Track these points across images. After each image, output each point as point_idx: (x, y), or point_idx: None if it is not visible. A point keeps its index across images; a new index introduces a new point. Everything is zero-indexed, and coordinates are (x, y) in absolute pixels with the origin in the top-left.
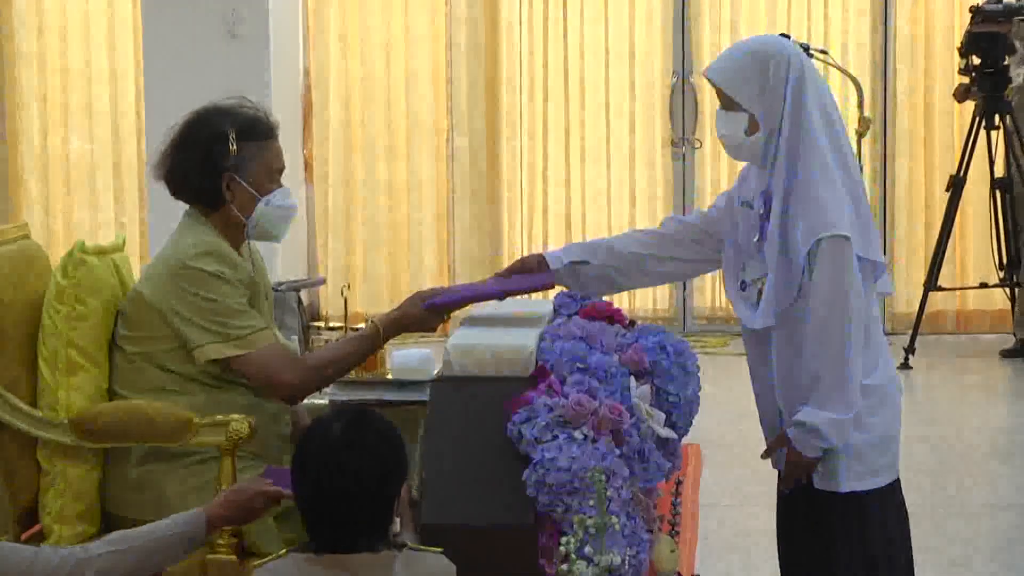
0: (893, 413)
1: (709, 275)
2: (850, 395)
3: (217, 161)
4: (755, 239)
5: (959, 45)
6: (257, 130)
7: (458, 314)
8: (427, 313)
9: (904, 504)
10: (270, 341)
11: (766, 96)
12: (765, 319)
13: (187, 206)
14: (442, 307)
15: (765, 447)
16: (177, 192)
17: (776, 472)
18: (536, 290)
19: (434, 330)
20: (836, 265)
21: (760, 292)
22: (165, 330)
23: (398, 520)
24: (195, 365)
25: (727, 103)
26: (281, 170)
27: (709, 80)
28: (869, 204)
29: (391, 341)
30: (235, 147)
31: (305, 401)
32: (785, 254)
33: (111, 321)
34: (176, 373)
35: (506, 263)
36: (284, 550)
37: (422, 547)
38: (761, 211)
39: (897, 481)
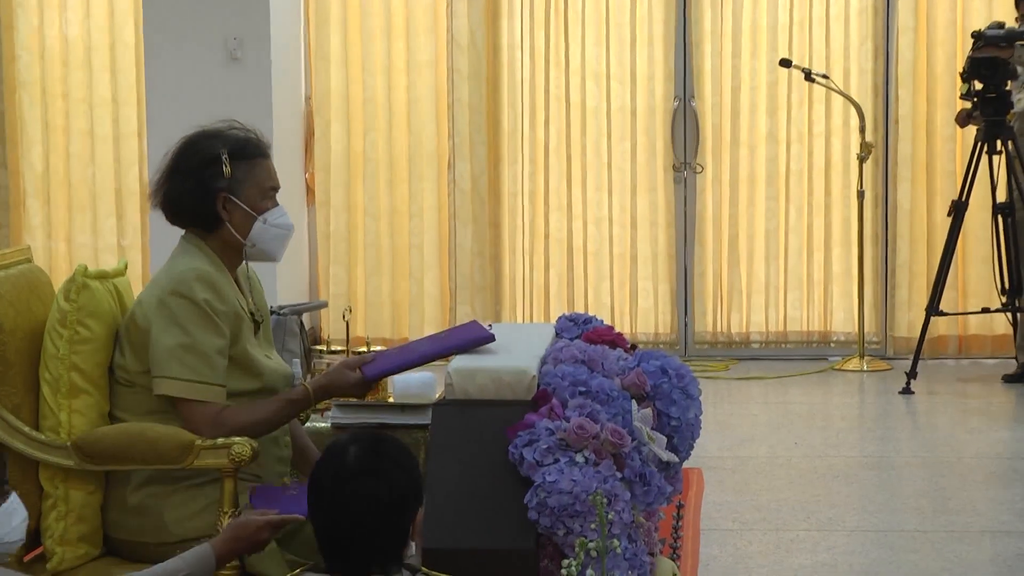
0: None
1: (710, 297)
2: None
3: (211, 183)
4: None
5: (961, 70)
6: (249, 150)
7: None
8: (358, 380)
9: None
10: (215, 399)
11: None
12: None
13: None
14: (376, 375)
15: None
16: (174, 218)
17: (776, 498)
18: (475, 345)
19: (363, 397)
20: None
21: None
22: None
23: (412, 544)
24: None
25: None
26: (276, 188)
27: None
28: None
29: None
30: (228, 168)
31: (308, 424)
32: None
33: (112, 345)
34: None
35: (507, 288)
36: (296, 570)
37: (434, 572)
38: None
39: None
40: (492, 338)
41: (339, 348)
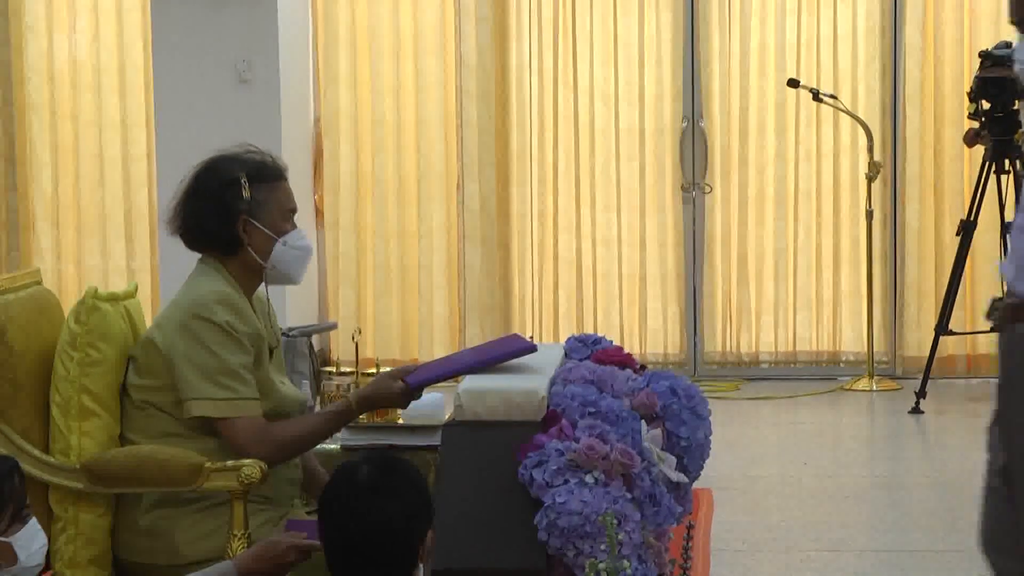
0: None
1: (719, 317)
2: None
3: (231, 206)
4: None
5: (968, 90)
6: (267, 172)
7: None
8: (402, 389)
9: None
10: (253, 413)
11: None
12: None
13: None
14: (420, 384)
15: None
16: (193, 242)
17: (786, 518)
18: (516, 355)
19: (405, 406)
20: None
21: None
22: (170, 379)
23: (421, 567)
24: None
25: None
26: (294, 211)
27: None
28: None
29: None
30: (248, 191)
31: (316, 446)
32: None
33: (123, 367)
34: (181, 422)
35: (516, 309)
36: None
37: None
38: None
39: None
40: (534, 348)
41: (348, 370)
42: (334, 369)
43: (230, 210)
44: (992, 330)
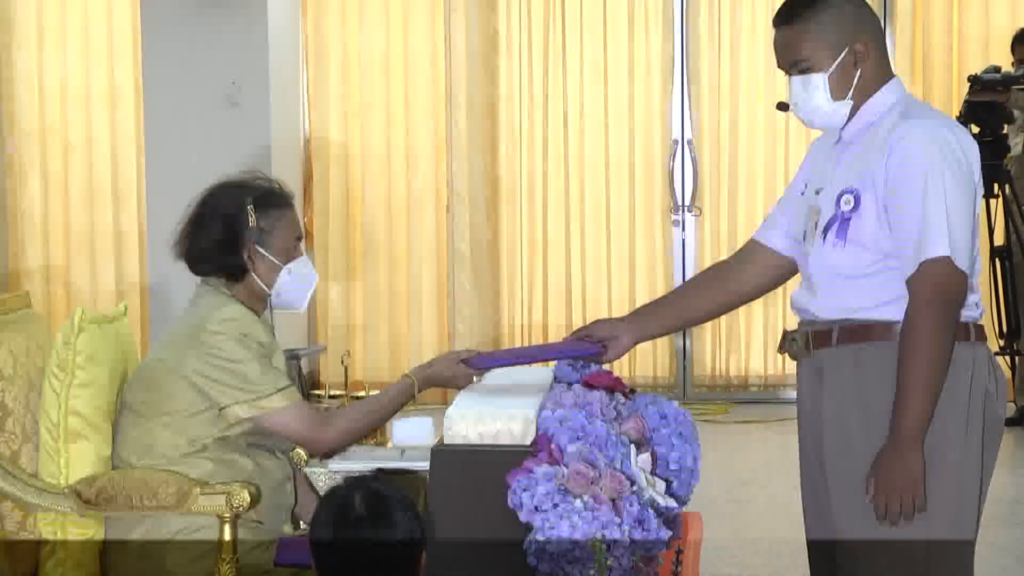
0: None
1: (709, 340)
2: None
3: (238, 233)
4: None
5: (958, 114)
6: (274, 200)
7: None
8: (462, 370)
9: None
10: (296, 399)
11: None
12: None
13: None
14: (482, 367)
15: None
16: (198, 267)
17: (776, 540)
18: (580, 357)
19: (463, 387)
20: None
21: None
22: (185, 397)
23: None
24: (216, 428)
25: None
26: (300, 238)
27: None
28: None
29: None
30: (254, 218)
31: (305, 469)
32: None
33: (114, 389)
34: (185, 441)
35: (505, 332)
36: None
37: None
38: None
39: None
40: (599, 351)
41: (338, 392)
42: (323, 392)
43: (236, 237)
44: (794, 357)
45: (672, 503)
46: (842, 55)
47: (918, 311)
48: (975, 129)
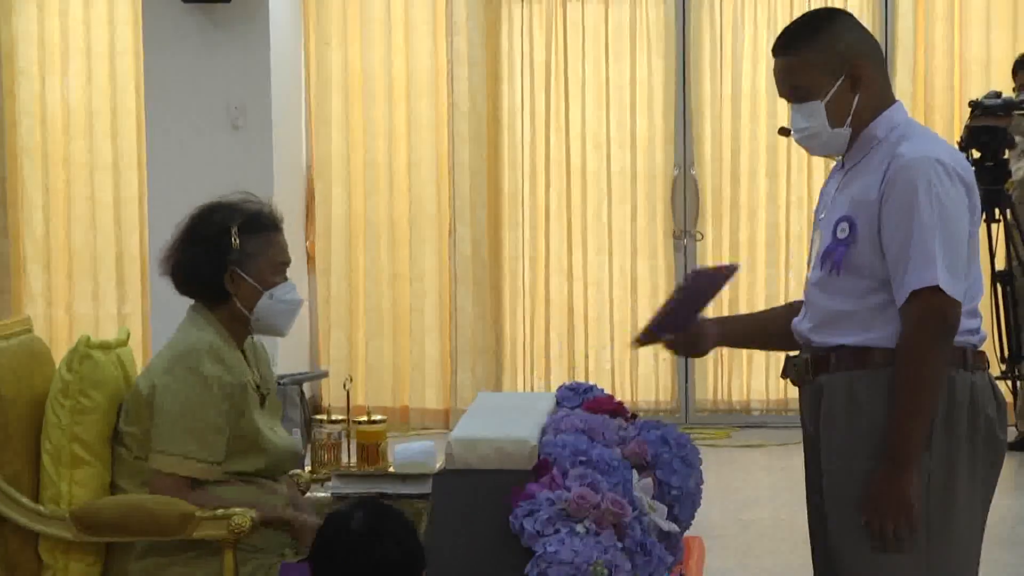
0: None
1: (711, 364)
2: None
3: (221, 255)
4: None
5: (959, 139)
6: (260, 223)
7: (460, 407)
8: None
9: None
10: (177, 473)
11: None
12: None
13: (192, 301)
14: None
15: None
16: (181, 287)
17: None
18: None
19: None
20: None
21: None
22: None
23: None
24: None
25: None
26: (286, 264)
27: None
28: None
29: (393, 434)
30: (238, 241)
31: (308, 494)
32: None
33: (115, 415)
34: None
35: (508, 352)
36: None
37: None
38: None
39: None
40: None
41: (340, 417)
42: (325, 417)
43: (219, 260)
44: (796, 383)
45: (674, 527)
46: (839, 82)
47: (908, 339)
48: (976, 154)
